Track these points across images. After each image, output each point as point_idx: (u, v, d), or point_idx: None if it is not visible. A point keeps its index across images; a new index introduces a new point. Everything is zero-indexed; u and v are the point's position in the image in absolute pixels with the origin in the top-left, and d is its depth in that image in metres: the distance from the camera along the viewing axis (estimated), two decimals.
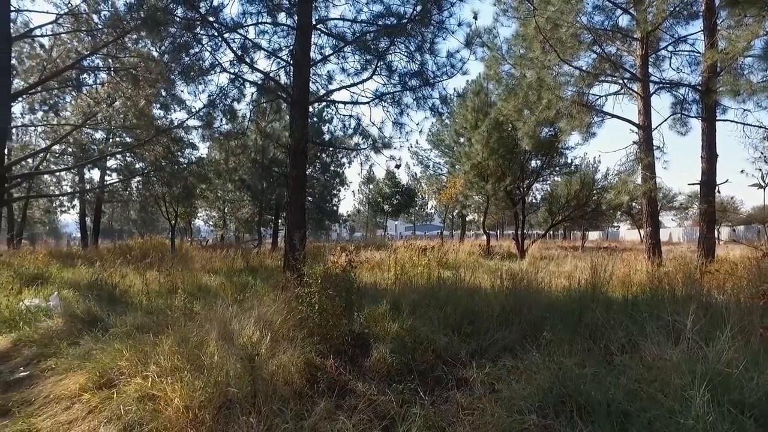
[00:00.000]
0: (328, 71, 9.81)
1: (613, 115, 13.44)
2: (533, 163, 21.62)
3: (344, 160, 26.05)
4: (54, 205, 28.99)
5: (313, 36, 8.60)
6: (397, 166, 10.78)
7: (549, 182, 25.54)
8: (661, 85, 13.33)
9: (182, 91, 11.48)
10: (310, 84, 8.73)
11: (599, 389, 2.85)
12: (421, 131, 14.76)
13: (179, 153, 19.03)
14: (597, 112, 13.82)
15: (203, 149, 21.57)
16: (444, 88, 9.51)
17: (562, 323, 4.70)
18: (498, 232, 54.59)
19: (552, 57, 12.60)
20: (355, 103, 9.14)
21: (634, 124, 12.81)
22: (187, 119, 16.49)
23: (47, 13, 33.28)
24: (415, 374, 3.84)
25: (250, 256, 11.69)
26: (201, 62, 8.63)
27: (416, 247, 14.32)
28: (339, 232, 48.07)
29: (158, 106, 17.88)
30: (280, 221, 24.45)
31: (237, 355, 3.31)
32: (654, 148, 12.50)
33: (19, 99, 14.04)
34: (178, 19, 7.76)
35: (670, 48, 13.47)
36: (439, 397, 3.50)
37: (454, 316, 5.31)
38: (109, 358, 4.00)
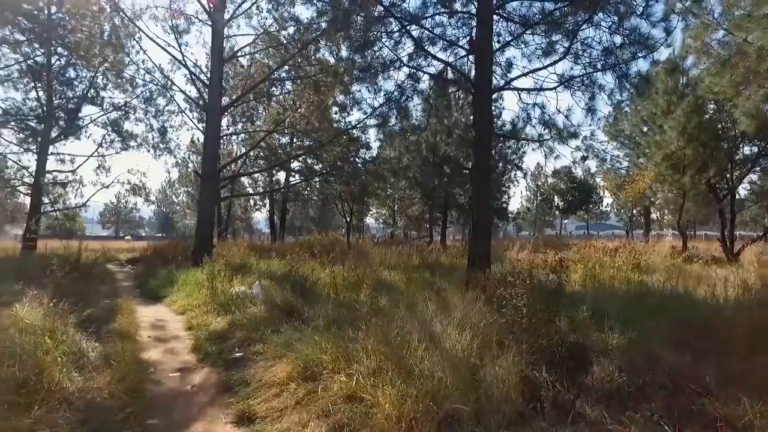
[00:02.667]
0: (507, 58, 9.17)
1: None
2: (745, 150, 17.83)
3: (513, 156, 24.82)
4: (250, 203, 33.39)
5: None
6: (584, 158, 9.58)
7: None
8: None
9: (361, 90, 11.97)
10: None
11: None
12: (616, 117, 13.20)
13: (354, 153, 20.09)
14: None
15: (375, 149, 22.52)
16: (655, 60, 8.11)
17: None
18: (689, 232, 46.96)
19: None
20: (540, 89, 8.30)
21: None
22: (364, 119, 17.24)
23: (247, 35, 39.29)
24: (652, 401, 3.11)
25: (424, 253, 11.61)
26: (380, 59, 8.72)
27: (600, 247, 12.78)
28: (506, 230, 46.39)
29: (336, 109, 19.15)
30: (447, 219, 24.44)
31: (449, 361, 2.95)
32: None
33: (226, 113, 16.23)
34: (361, 18, 7.90)
35: None
36: None
37: (676, 329, 4.36)
38: (310, 350, 4.04)
